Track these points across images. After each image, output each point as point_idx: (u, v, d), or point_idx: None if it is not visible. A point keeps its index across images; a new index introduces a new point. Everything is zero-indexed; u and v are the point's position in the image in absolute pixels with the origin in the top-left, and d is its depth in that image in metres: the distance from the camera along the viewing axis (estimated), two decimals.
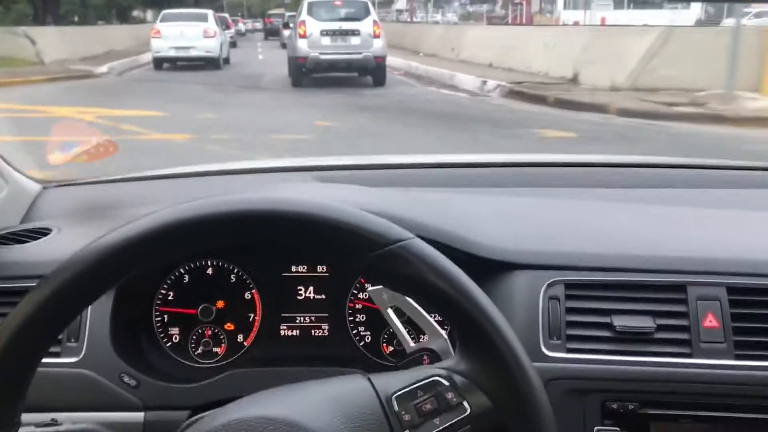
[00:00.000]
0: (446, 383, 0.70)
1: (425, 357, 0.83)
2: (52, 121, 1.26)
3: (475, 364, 0.70)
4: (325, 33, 13.52)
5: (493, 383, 0.69)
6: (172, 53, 18.39)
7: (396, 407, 0.69)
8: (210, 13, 20.31)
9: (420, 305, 0.80)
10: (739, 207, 1.31)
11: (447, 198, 1.30)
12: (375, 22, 13.84)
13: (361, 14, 14.00)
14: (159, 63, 18.62)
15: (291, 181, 1.38)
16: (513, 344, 0.69)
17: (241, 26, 43.44)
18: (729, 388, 0.98)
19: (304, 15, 13.96)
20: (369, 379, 0.72)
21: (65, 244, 1.12)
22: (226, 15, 33.36)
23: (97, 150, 1.25)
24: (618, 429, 0.98)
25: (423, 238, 0.70)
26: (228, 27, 31.82)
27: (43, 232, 1.17)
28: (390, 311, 0.83)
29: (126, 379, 1.03)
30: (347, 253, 0.69)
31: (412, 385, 0.71)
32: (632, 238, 1.14)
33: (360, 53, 13.42)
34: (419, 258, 0.68)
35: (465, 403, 0.70)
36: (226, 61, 20.74)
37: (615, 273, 1.05)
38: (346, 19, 13.94)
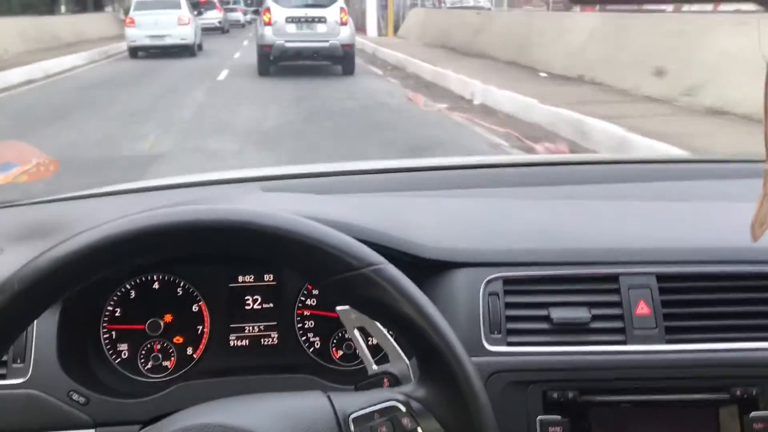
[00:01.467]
0: (403, 408, 0.73)
1: (386, 380, 0.85)
2: None
3: (432, 391, 0.73)
4: (290, 20, 13.47)
5: (448, 410, 0.73)
6: (147, 42, 18.67)
7: (352, 428, 0.71)
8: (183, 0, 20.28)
9: (386, 329, 0.82)
10: (667, 199, 1.33)
11: (389, 202, 1.29)
12: (342, 9, 13.74)
13: (328, 1, 13.88)
14: (134, 52, 18.82)
15: (237, 192, 1.40)
16: (470, 375, 0.72)
17: (239, 15, 41.10)
18: (662, 371, 1.01)
19: (268, 2, 13.81)
20: (329, 397, 0.74)
21: (7, 265, 1.13)
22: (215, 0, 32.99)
23: (37, 170, 1.25)
24: (559, 417, 1.00)
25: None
26: (215, 9, 31.56)
27: None
28: (356, 331, 0.86)
29: (75, 396, 1.02)
30: (319, 270, 0.72)
31: (369, 407, 0.73)
32: (567, 233, 1.14)
33: (327, 41, 13.39)
34: (390, 283, 0.71)
35: (419, 429, 0.72)
36: (199, 47, 20.83)
37: (551, 267, 1.06)
38: (312, 5, 13.80)
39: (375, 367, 0.87)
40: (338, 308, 0.83)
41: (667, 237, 1.13)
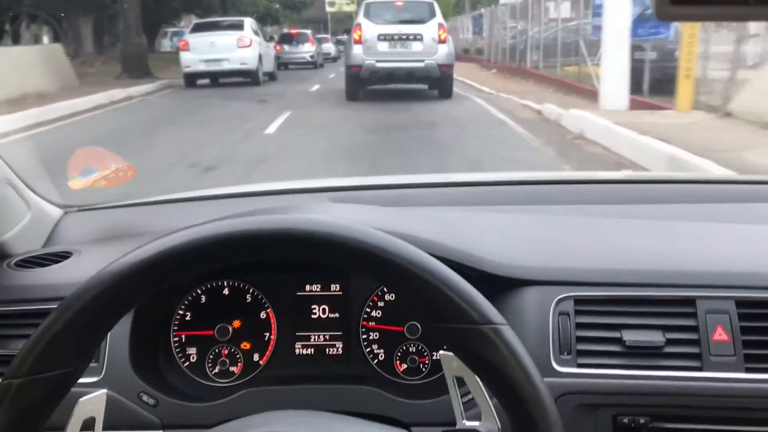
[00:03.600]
0: None
1: None
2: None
3: None
4: (383, 38, 14.17)
5: None
6: (202, 67, 19.19)
7: None
8: (247, 21, 21.25)
9: (486, 387, 0.93)
10: (746, 221, 1.55)
11: (457, 216, 1.58)
12: (440, 25, 14.40)
13: (425, 16, 14.54)
14: (191, 79, 19.42)
15: (306, 202, 1.68)
16: None
17: (330, 47, 42.49)
18: (739, 401, 1.20)
19: (360, 17, 14.65)
20: None
21: (86, 267, 1.42)
22: (308, 32, 35.07)
23: (116, 175, 1.57)
24: None
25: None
26: (307, 42, 32.95)
27: (64, 256, 1.49)
28: (453, 379, 0.98)
29: (145, 398, 1.30)
30: (436, 313, 0.87)
31: None
32: (640, 253, 1.38)
33: (422, 61, 14.00)
34: (506, 346, 0.85)
35: None
36: (272, 76, 21.51)
37: (624, 288, 1.28)
38: (408, 21, 14.48)
39: (465, 422, 1.00)
40: (441, 353, 0.98)
41: (746, 261, 1.34)
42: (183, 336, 1.44)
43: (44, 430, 0.87)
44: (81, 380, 1.10)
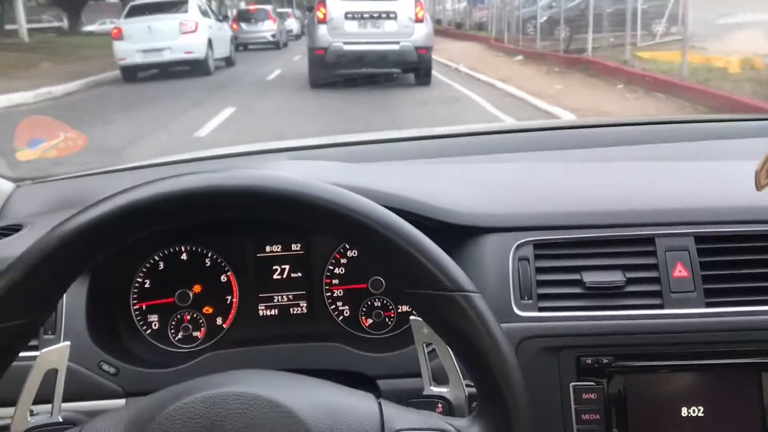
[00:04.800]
0: None
1: (440, 404, 1.13)
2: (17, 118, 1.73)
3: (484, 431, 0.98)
4: (351, 16, 13.81)
5: None
6: (139, 58, 17.99)
7: None
8: (191, 0, 19.86)
9: (455, 354, 1.04)
10: (702, 158, 1.77)
11: (417, 169, 1.80)
12: (417, 1, 14.06)
13: None
14: (130, 72, 18.23)
15: (267, 161, 1.84)
16: (526, 427, 0.95)
17: (293, 23, 42.03)
18: (701, 335, 1.39)
19: None
20: (379, 405, 0.98)
21: (35, 239, 1.56)
22: (268, 8, 34.14)
23: (66, 144, 1.71)
24: (594, 383, 1.39)
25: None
26: (268, 20, 31.96)
27: (15, 229, 1.64)
28: (423, 345, 1.11)
29: (105, 367, 1.45)
30: (408, 278, 0.97)
31: (418, 429, 0.96)
32: (598, 195, 1.59)
33: (397, 42, 13.62)
34: (477, 314, 0.95)
35: None
36: (228, 61, 20.63)
37: (582, 230, 1.48)
38: None
39: (433, 388, 1.13)
40: (412, 318, 1.10)
41: (704, 197, 1.56)
42: (143, 303, 1.61)
43: None
44: (38, 353, 1.17)
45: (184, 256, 1.61)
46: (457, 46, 26.51)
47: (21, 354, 0.96)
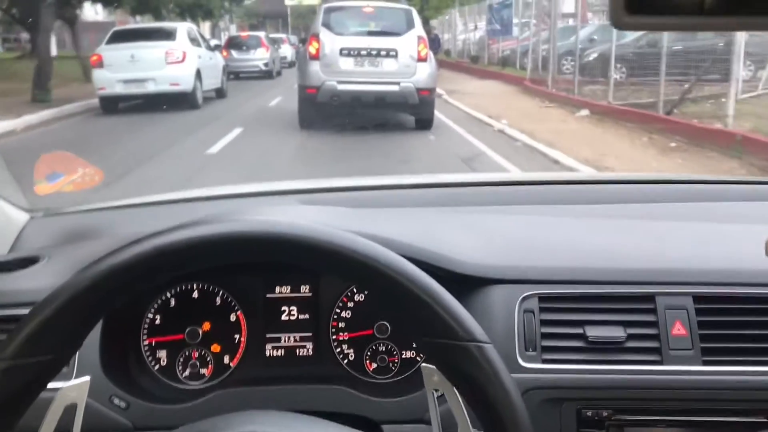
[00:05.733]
0: None
1: None
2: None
3: None
4: (346, 53, 13.51)
5: None
6: (120, 89, 17.74)
7: None
8: (182, 27, 19.83)
9: (465, 403, 1.11)
10: (705, 219, 1.96)
11: (426, 217, 1.98)
12: (420, 38, 13.77)
13: (401, 26, 13.91)
14: (109, 104, 18.00)
15: (276, 204, 2.03)
16: None
17: (287, 50, 41.80)
18: (698, 393, 1.55)
19: (318, 25, 13.85)
20: None
21: (55, 272, 1.74)
22: (260, 34, 34.29)
23: (83, 179, 1.90)
24: None
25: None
26: (261, 47, 31.75)
27: (32, 261, 1.81)
28: (433, 393, 1.18)
29: (116, 401, 1.61)
30: (422, 326, 1.06)
31: None
32: (603, 252, 1.76)
33: (397, 83, 13.30)
34: (489, 365, 1.04)
35: None
36: (219, 93, 20.41)
37: (587, 285, 1.65)
38: (379, 33, 13.85)
39: None
40: (423, 365, 1.18)
41: (703, 258, 1.74)
42: (153, 339, 1.77)
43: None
44: (52, 385, 1.20)
45: (195, 294, 1.77)
46: (477, 86, 24.32)
47: None
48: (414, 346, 1.76)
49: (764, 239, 1.23)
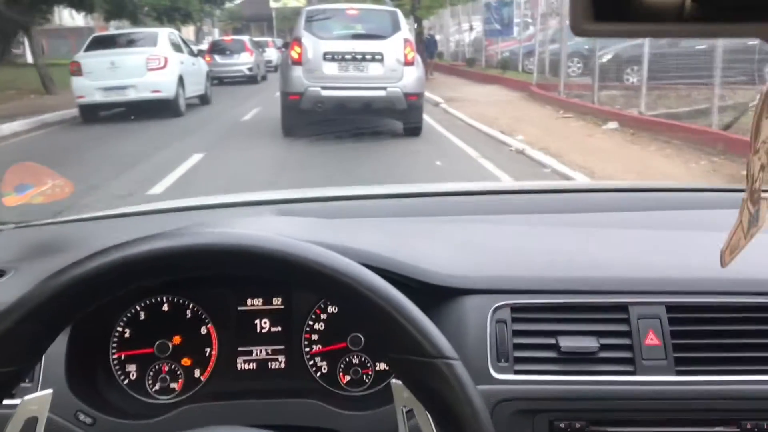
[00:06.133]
0: None
1: None
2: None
3: None
4: (330, 57, 13.50)
5: None
6: (99, 97, 17.76)
7: None
8: (163, 32, 19.83)
9: (433, 419, 1.13)
10: (677, 228, 2.01)
11: (398, 228, 2.02)
12: (406, 41, 13.73)
13: (387, 29, 13.90)
14: (89, 111, 17.95)
15: (248, 215, 2.07)
16: None
17: (272, 53, 41.75)
18: (671, 403, 1.59)
19: (300, 29, 13.84)
20: None
21: (22, 284, 1.76)
22: (244, 38, 34.39)
23: (53, 191, 1.93)
24: None
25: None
26: (245, 52, 31.85)
27: None
28: (402, 409, 1.21)
29: (81, 417, 1.63)
30: (390, 342, 1.08)
31: None
32: (576, 262, 1.81)
33: (383, 88, 13.29)
34: (458, 382, 1.06)
35: None
36: (203, 99, 20.47)
37: (559, 295, 1.69)
38: (364, 36, 13.83)
39: None
40: (393, 381, 1.21)
41: (677, 267, 1.78)
42: (122, 353, 1.80)
43: None
44: (14, 401, 1.25)
45: (165, 307, 1.81)
46: (479, 93, 23.14)
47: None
48: None
49: (720, 248, 1.25)
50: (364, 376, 1.81)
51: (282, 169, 11.50)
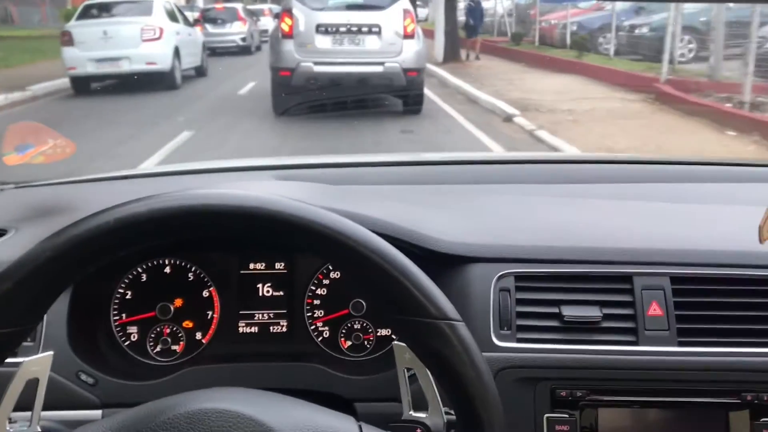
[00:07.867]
0: None
1: (418, 430, 1.27)
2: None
3: None
4: (323, 30, 12.93)
5: None
6: (91, 68, 17.42)
7: None
8: (156, 1, 19.15)
9: (436, 381, 1.17)
10: (682, 200, 2.04)
11: (403, 195, 2.05)
12: (406, 11, 13.08)
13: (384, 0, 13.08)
14: (81, 84, 17.58)
15: (250, 180, 2.13)
16: None
17: (268, 21, 39.19)
18: (673, 373, 1.63)
19: (290, 0, 13.19)
20: (360, 427, 1.10)
21: (23, 244, 1.79)
22: (237, 6, 33.26)
23: (54, 150, 1.98)
24: (567, 416, 1.62)
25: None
26: (237, 21, 30.80)
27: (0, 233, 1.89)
28: (404, 371, 1.26)
29: (83, 377, 1.67)
30: (394, 304, 1.11)
31: None
32: (580, 232, 1.83)
33: (381, 63, 12.79)
34: (461, 343, 1.09)
35: None
36: (199, 71, 20.02)
37: (563, 265, 1.72)
38: (360, 7, 13.27)
39: (412, 413, 1.28)
40: (395, 343, 1.26)
41: (682, 239, 1.81)
42: (123, 314, 1.84)
43: None
44: (16, 360, 1.28)
45: (167, 270, 1.84)
46: (562, 92, 15.94)
47: None
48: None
49: (759, 224, 1.29)
50: (366, 342, 1.85)
51: (286, 139, 11.30)
